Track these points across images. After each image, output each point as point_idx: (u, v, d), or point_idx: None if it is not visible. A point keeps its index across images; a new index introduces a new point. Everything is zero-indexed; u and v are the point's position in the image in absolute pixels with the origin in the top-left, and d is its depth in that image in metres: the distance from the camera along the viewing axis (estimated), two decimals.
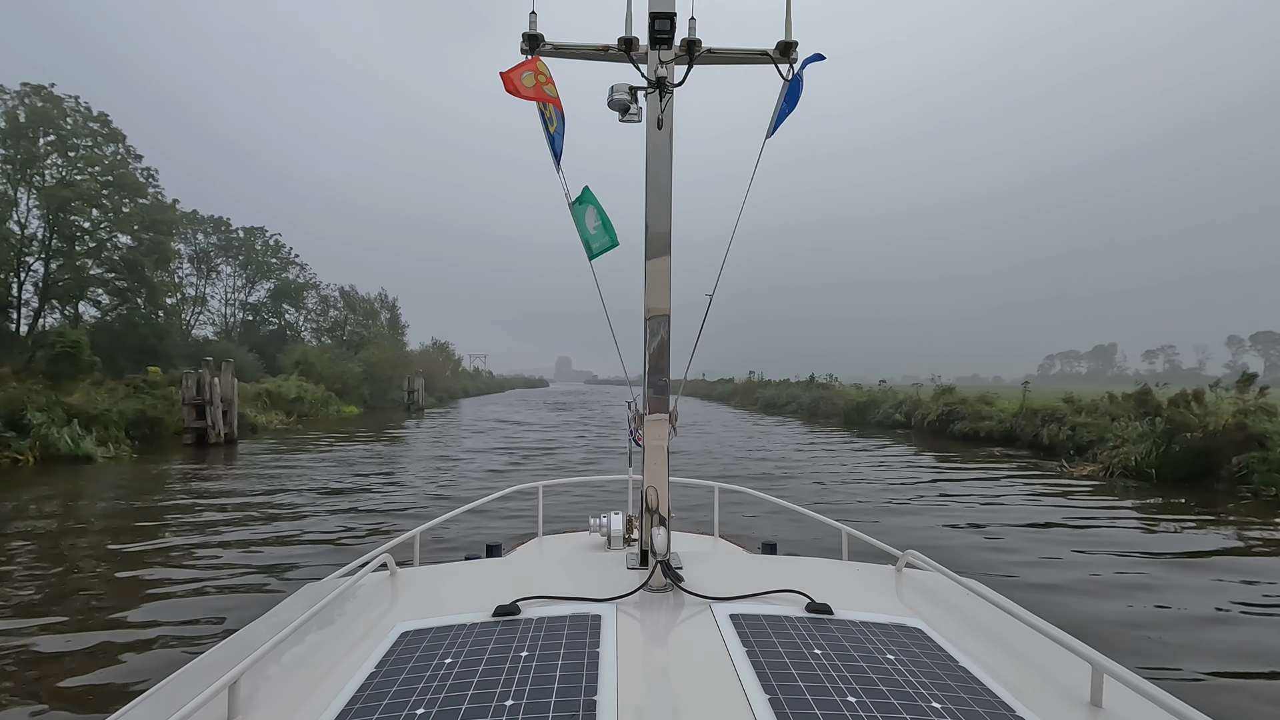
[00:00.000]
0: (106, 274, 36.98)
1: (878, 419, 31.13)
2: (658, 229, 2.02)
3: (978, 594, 1.84)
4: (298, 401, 35.28)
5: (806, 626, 1.60)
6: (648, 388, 2.08)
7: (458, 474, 15.95)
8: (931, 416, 25.92)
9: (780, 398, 47.95)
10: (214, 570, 7.91)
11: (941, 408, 25.41)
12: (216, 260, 60.02)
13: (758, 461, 18.54)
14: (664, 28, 1.93)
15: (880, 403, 32.57)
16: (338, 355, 46.07)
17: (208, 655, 1.65)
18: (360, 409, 44.42)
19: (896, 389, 34.52)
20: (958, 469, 17.20)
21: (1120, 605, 6.76)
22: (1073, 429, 18.91)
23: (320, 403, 38.39)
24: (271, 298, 63.59)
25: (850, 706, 1.21)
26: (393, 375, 48.55)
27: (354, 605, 1.87)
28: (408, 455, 19.66)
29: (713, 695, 1.29)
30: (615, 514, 3.51)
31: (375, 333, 56.32)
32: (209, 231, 58.62)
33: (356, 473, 15.87)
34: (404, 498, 12.85)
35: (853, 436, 26.57)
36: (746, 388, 60.42)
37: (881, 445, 23.13)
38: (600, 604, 1.72)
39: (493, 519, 9.34)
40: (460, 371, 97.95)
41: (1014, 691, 1.33)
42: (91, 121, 37.38)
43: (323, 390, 39.92)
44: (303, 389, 36.90)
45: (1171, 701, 1.18)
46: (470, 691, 1.27)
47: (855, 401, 33.86)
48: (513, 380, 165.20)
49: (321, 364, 43.34)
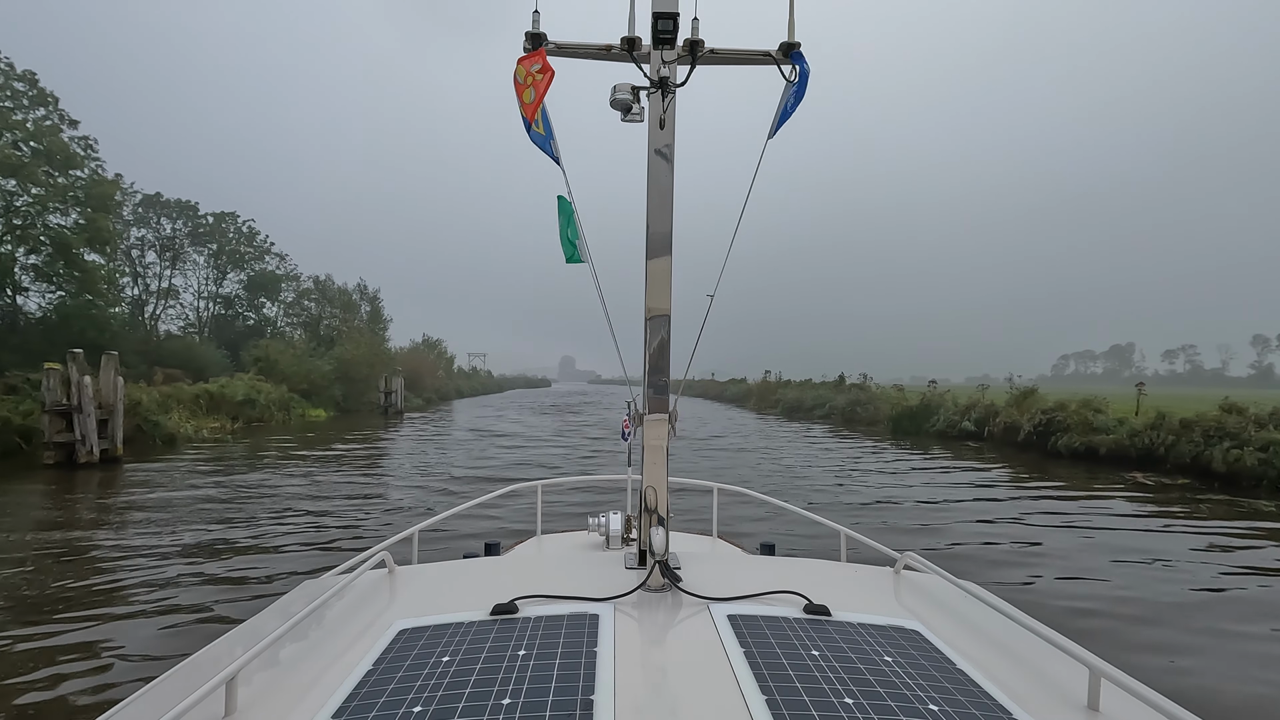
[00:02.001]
0: (28, 256, 31.92)
1: (937, 427, 25.75)
2: (659, 229, 2.00)
3: (976, 596, 1.82)
4: (247, 405, 30.07)
5: (804, 627, 1.58)
6: (647, 388, 2.05)
7: (330, 526, 10.69)
8: (1025, 427, 20.48)
9: (804, 400, 42.55)
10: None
11: (1037, 416, 19.95)
12: (186, 249, 54.99)
13: (835, 489, 13.23)
14: (667, 28, 1.93)
15: (936, 408, 27.22)
16: (305, 352, 40.76)
17: (205, 651, 1.64)
18: (331, 412, 39.22)
19: (954, 391, 29.05)
20: (1138, 514, 11.83)
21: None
22: (1265, 449, 13.50)
23: (278, 406, 33.19)
24: (247, 290, 58.51)
25: (847, 708, 1.20)
26: (371, 375, 43.26)
27: (352, 603, 1.85)
28: (328, 485, 14.45)
29: (710, 695, 1.28)
30: (614, 513, 3.42)
31: (353, 327, 50.95)
32: (174, 216, 53.49)
33: (238, 515, 10.64)
34: (215, 594, 7.52)
35: (913, 450, 21.31)
36: (763, 389, 54.99)
37: (967, 464, 17.86)
38: (598, 603, 1.70)
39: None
40: (456, 371, 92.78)
41: (1011, 694, 1.32)
42: (15, 81, 32.24)
43: (283, 391, 34.71)
44: (255, 390, 31.69)
45: (1168, 705, 1.18)
46: (468, 690, 1.27)
47: (903, 406, 28.45)
48: (513, 380, 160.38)
49: (286, 361, 38.13)
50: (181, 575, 7.62)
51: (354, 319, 53.08)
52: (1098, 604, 6.92)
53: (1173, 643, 5.93)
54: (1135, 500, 12.79)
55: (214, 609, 6.54)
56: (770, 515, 9.48)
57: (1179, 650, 5.76)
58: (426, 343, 74.82)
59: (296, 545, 9.09)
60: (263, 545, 9.04)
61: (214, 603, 6.71)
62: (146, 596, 6.90)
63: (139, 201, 51.25)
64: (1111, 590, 7.39)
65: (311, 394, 38.81)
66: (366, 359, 43.28)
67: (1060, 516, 11.29)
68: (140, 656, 5.43)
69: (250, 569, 7.93)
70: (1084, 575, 7.93)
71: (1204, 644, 5.89)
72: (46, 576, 7.56)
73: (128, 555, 8.45)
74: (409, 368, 56.40)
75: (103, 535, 9.52)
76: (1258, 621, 6.45)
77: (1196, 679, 5.23)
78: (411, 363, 57.67)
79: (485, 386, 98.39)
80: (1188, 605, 6.90)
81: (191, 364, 42.95)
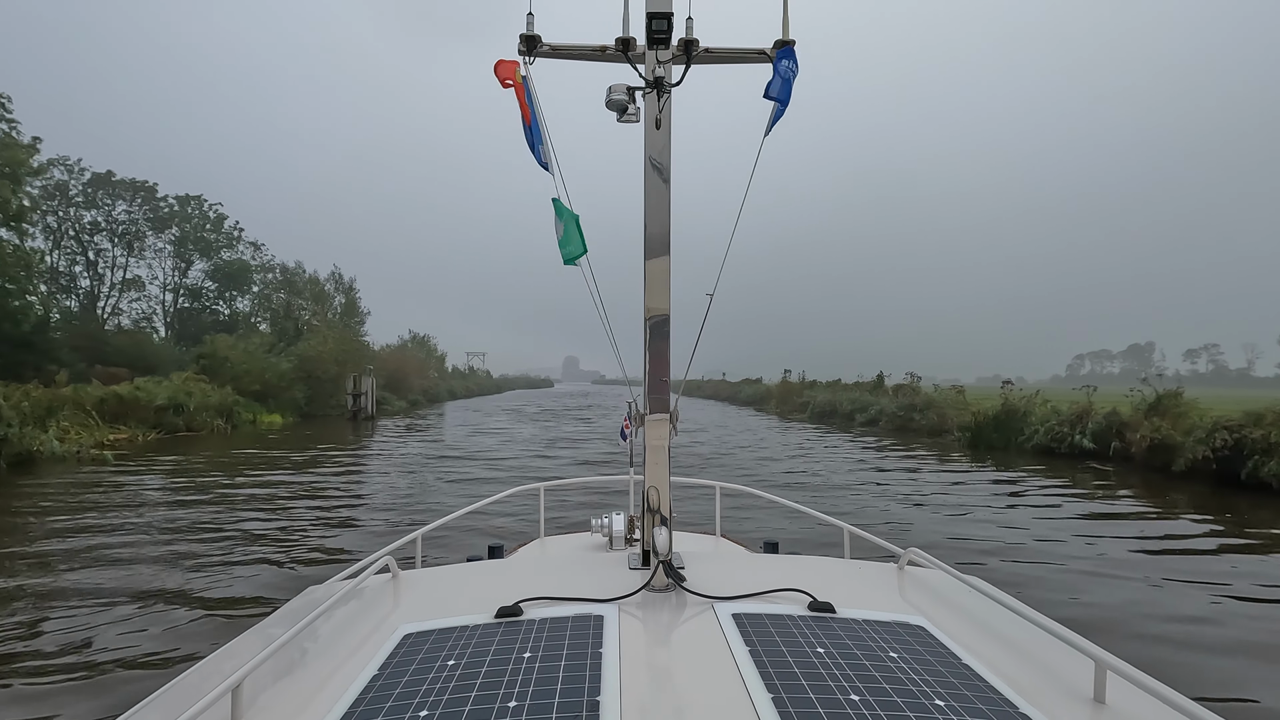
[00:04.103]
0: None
1: (1036, 441, 20.06)
2: (656, 229, 2.00)
3: (980, 591, 1.83)
4: (168, 411, 24.57)
5: (809, 625, 1.58)
6: (648, 388, 2.06)
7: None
8: (1191, 448, 14.67)
9: (839, 404, 36.84)
10: None
11: (1218, 435, 14.14)
12: (144, 234, 49.64)
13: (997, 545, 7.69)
14: (661, 28, 1.92)
15: (1024, 415, 21.54)
16: (264, 347, 35.17)
17: (211, 659, 1.63)
18: (290, 419, 33.73)
19: (1048, 396, 23.22)
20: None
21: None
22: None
23: (218, 411, 27.70)
24: (215, 281, 53.14)
25: (853, 705, 1.20)
26: (341, 374, 37.70)
27: (356, 608, 1.84)
28: (208, 543, 8.89)
29: (716, 695, 1.28)
30: (617, 514, 3.40)
31: (326, 320, 45.30)
32: (129, 198, 48.11)
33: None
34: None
35: (1007, 471, 15.73)
36: (785, 390, 49.24)
37: (1106, 497, 12.22)
38: (602, 604, 1.70)
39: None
40: (450, 371, 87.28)
41: (1017, 688, 1.32)
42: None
43: (226, 394, 29.21)
44: (185, 393, 26.19)
45: (1175, 697, 1.17)
46: (473, 693, 1.27)
47: (983, 413, 22.67)
48: (515, 380, 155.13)
49: (237, 359, 32.66)
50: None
51: (326, 311, 47.45)
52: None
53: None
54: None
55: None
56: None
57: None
58: (415, 339, 69.21)
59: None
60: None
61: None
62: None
63: (87, 181, 45.99)
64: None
65: (267, 396, 33.34)
66: (335, 355, 37.66)
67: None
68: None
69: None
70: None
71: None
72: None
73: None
74: (392, 366, 50.93)
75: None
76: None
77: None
78: (395, 361, 52.19)
79: (482, 387, 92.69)
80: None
81: (140, 362, 37.62)
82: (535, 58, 2.13)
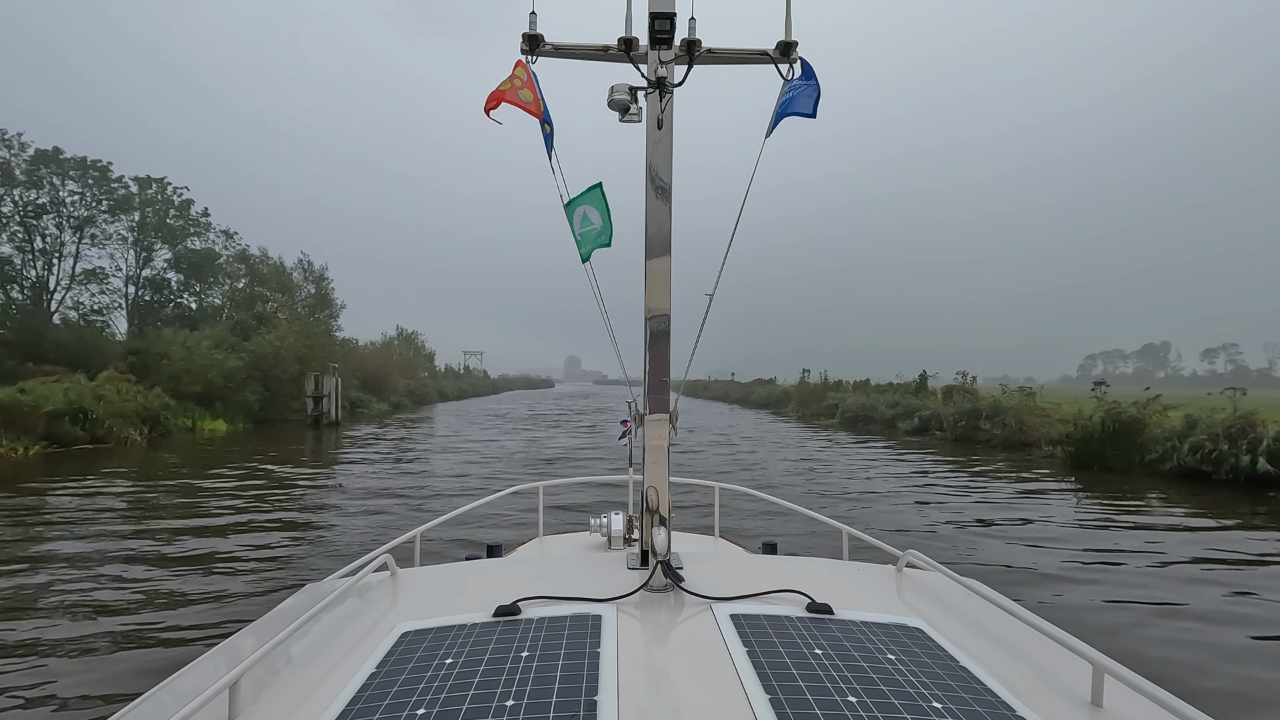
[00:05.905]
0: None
1: (1174, 463, 15.18)
2: (658, 229, 2.00)
3: (978, 594, 1.81)
4: (64, 420, 19.80)
5: (807, 626, 1.57)
6: (648, 388, 2.06)
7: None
8: None
9: (875, 408, 31.95)
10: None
11: None
12: (98, 219, 44.88)
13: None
14: (664, 28, 1.93)
15: (1141, 427, 16.64)
16: (200, 341, 30.35)
17: (208, 656, 1.62)
18: (240, 425, 28.97)
19: (1213, 404, 17.53)
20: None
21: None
22: None
23: (141, 418, 22.95)
24: (179, 271, 48.39)
25: (851, 706, 1.19)
26: (305, 373, 32.89)
27: (354, 605, 1.83)
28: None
29: (713, 695, 1.27)
30: (616, 514, 3.38)
31: (293, 313, 40.38)
32: (79, 179, 43.27)
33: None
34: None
35: (1139, 501, 10.95)
36: (806, 392, 44.38)
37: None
38: (601, 604, 1.69)
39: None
40: (442, 370, 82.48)
41: (1014, 691, 1.31)
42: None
43: (154, 397, 24.44)
44: (92, 396, 21.42)
45: (1173, 701, 1.16)
46: (471, 692, 1.25)
47: (1089, 424, 17.56)
48: (514, 380, 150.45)
49: (175, 355, 27.89)
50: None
51: (294, 303, 42.56)
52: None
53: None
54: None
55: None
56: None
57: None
58: (401, 336, 64.34)
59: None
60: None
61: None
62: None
63: (30, 157, 41.25)
64: None
65: (214, 399, 28.58)
66: (296, 352, 32.81)
67: None
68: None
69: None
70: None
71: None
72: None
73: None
74: (372, 365, 46.17)
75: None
76: None
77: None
78: (376, 360, 47.43)
79: (478, 388, 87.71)
80: None
81: (84, 359, 32.95)
82: (538, 57, 2.15)
